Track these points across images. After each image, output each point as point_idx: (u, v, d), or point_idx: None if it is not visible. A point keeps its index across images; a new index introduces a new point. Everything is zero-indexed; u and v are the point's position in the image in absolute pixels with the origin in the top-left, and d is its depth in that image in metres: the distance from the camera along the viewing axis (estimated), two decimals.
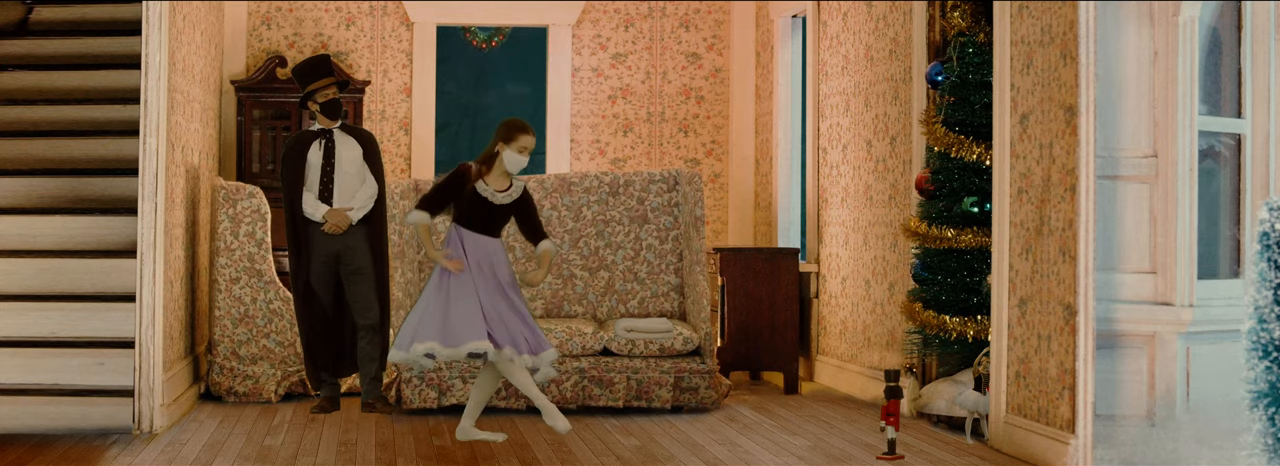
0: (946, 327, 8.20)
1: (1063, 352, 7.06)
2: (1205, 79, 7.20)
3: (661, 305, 9.56)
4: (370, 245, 9.00)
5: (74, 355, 7.97)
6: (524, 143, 7.29)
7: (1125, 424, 6.99)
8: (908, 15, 9.06)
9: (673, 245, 9.57)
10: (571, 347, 8.89)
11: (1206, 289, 7.07)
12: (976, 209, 8.24)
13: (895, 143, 9.25)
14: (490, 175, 7.29)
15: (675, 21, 11.95)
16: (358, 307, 8.95)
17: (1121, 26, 7.07)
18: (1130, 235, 7.10)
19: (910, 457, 7.40)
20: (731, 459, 7.38)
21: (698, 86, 11.99)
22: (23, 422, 7.79)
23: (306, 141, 8.98)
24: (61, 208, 8.66)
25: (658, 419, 8.70)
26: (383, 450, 7.58)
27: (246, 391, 9.28)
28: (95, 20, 9.97)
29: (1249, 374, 5.94)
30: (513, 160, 7.29)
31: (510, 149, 7.27)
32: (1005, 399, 7.63)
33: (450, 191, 7.27)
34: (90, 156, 8.98)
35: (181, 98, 8.85)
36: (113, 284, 8.24)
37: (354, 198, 8.97)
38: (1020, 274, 7.51)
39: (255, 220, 9.31)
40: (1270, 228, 5.88)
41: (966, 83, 8.31)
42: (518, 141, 7.28)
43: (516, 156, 7.28)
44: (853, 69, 9.96)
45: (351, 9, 11.64)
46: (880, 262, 9.43)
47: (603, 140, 11.91)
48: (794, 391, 9.92)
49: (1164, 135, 7.06)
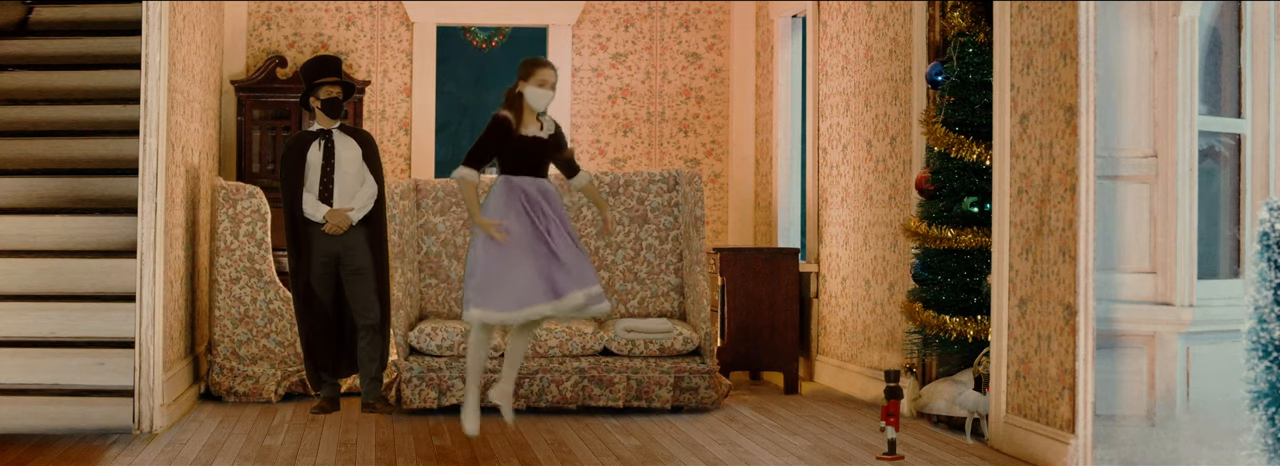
0: (946, 327, 8.20)
1: (1063, 352, 7.06)
2: (1205, 79, 7.20)
3: (661, 305, 9.56)
4: (370, 245, 9.00)
5: (74, 355, 7.97)
6: (543, 76, 7.23)
7: (1125, 424, 6.99)
8: (908, 15, 9.06)
9: (673, 245, 9.57)
10: (571, 347, 8.89)
11: (1206, 289, 7.07)
12: (976, 209, 8.24)
13: (895, 143, 9.25)
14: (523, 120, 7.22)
15: (675, 21, 11.95)
16: (358, 308, 8.95)
17: (1121, 26, 7.07)
18: (1130, 235, 7.10)
19: (910, 457, 7.40)
20: (731, 459, 7.38)
21: (698, 86, 11.99)
22: (23, 422, 7.79)
23: (306, 142, 8.98)
24: (61, 208, 8.66)
25: (658, 419, 8.70)
26: (383, 450, 7.58)
27: (246, 391, 9.28)
28: (95, 20, 9.97)
29: (1249, 374, 5.94)
30: (535, 95, 7.21)
31: (531, 85, 7.19)
32: (1005, 399, 7.63)
33: (495, 142, 7.17)
34: (90, 156, 8.98)
35: (181, 98, 8.85)
36: (113, 284, 8.24)
37: (354, 198, 8.97)
38: (1020, 274, 7.51)
39: (255, 220, 9.31)
40: (1270, 227, 5.88)
41: (966, 83, 8.31)
42: (536, 76, 7.22)
43: (539, 91, 7.21)
44: (853, 69, 9.96)
45: (351, 9, 11.64)
46: (880, 262, 9.43)
47: (603, 140, 11.91)
48: (794, 391, 9.92)
49: (1164, 135, 7.06)
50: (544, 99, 7.19)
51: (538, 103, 7.19)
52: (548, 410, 8.95)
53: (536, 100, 7.18)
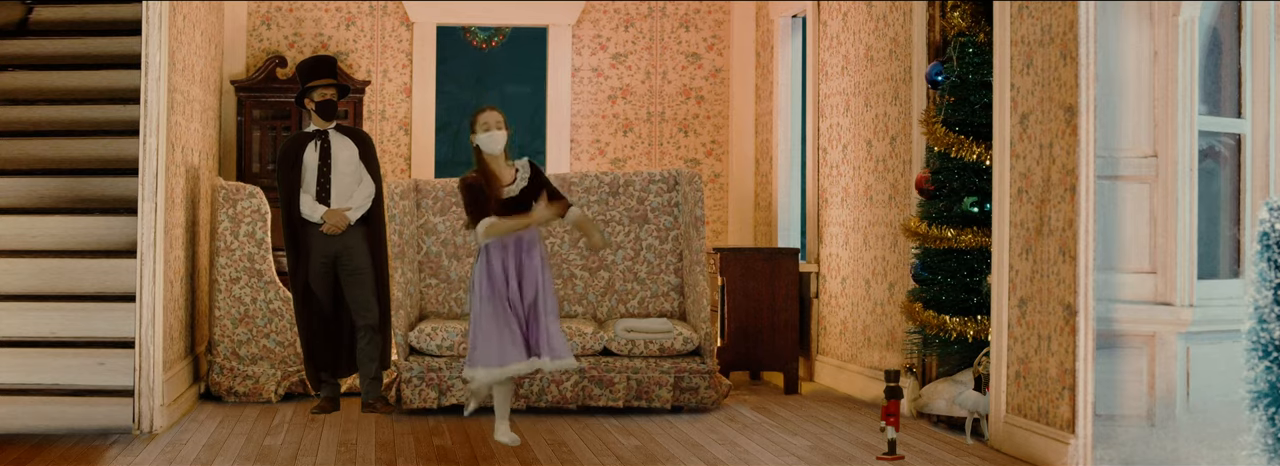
0: (946, 327, 8.20)
1: (1063, 352, 7.06)
2: (1205, 79, 7.20)
3: (661, 305, 9.56)
4: (369, 245, 9.00)
5: (74, 355, 7.97)
6: (485, 120, 7.40)
7: (1125, 424, 6.99)
8: (908, 15, 9.06)
9: (673, 245, 9.57)
10: (571, 347, 8.88)
11: (1206, 289, 7.07)
12: (976, 209, 8.24)
13: (895, 143, 9.25)
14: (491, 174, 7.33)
15: (675, 21, 11.95)
16: (357, 308, 8.95)
17: (1121, 26, 7.07)
18: (1130, 235, 7.10)
19: (910, 457, 7.40)
20: (731, 459, 7.38)
21: (698, 86, 11.99)
22: (23, 422, 7.79)
23: (302, 142, 8.98)
24: (61, 208, 8.65)
25: (658, 419, 8.70)
26: (383, 450, 7.58)
27: (246, 391, 9.28)
28: (95, 20, 9.97)
29: (1249, 374, 5.94)
30: (486, 141, 7.35)
31: (478, 135, 7.37)
32: (1005, 399, 7.63)
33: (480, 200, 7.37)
34: (90, 156, 8.98)
35: (181, 98, 8.85)
36: (113, 284, 8.24)
37: (351, 198, 8.97)
38: (1020, 274, 7.51)
39: (255, 220, 9.31)
40: (1270, 227, 5.88)
41: (966, 83, 8.31)
42: (479, 123, 7.44)
43: (486, 136, 7.35)
44: (853, 69, 9.96)
45: (351, 9, 11.64)
46: (880, 262, 9.43)
47: (603, 140, 11.91)
48: (794, 391, 9.92)
49: (1164, 135, 7.06)
50: (496, 142, 7.36)
51: (492, 147, 7.34)
52: (548, 410, 8.95)
53: (489, 145, 7.34)
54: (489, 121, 7.35)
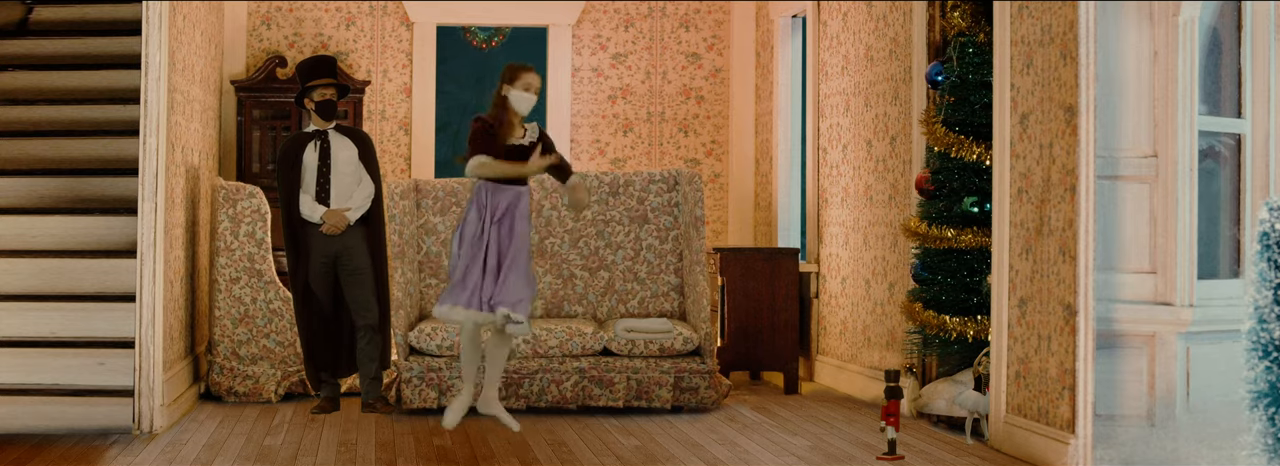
0: (946, 327, 8.20)
1: (1063, 352, 7.06)
2: (1205, 79, 7.20)
3: (661, 305, 9.56)
4: (368, 245, 9.00)
5: (74, 355, 7.97)
6: (527, 81, 7.28)
7: (1125, 424, 6.99)
8: (908, 15, 9.06)
9: (673, 245, 9.57)
10: (571, 347, 8.89)
11: (1206, 289, 7.07)
12: (976, 209, 8.24)
13: (895, 143, 9.25)
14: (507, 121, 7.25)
15: (675, 21, 11.95)
16: (356, 308, 8.95)
17: (1121, 26, 7.07)
18: (1130, 235, 7.10)
19: (910, 457, 7.40)
20: (731, 459, 7.38)
21: (698, 86, 11.99)
22: (23, 422, 7.79)
23: (302, 143, 8.98)
24: (61, 208, 8.65)
25: (658, 419, 8.70)
26: (383, 450, 7.58)
27: (246, 391, 9.28)
28: (95, 20, 9.97)
29: (1249, 374, 5.94)
30: (519, 99, 7.25)
31: (515, 89, 7.25)
32: (1005, 399, 7.63)
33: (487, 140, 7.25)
34: (90, 156, 8.98)
35: (181, 98, 8.85)
36: (113, 284, 8.24)
37: (351, 198, 8.97)
38: (1020, 274, 7.51)
39: (255, 220, 9.31)
40: (1270, 227, 5.88)
41: (966, 83, 8.31)
42: (521, 80, 7.27)
43: (523, 94, 7.26)
44: (853, 69, 9.96)
45: (351, 9, 11.64)
46: (880, 262, 9.43)
47: (603, 140, 11.91)
48: (794, 391, 9.92)
49: (1164, 135, 7.06)
50: (527, 103, 7.26)
51: (521, 106, 7.25)
52: (548, 410, 8.95)
53: (520, 104, 7.24)
54: (531, 83, 7.28)
